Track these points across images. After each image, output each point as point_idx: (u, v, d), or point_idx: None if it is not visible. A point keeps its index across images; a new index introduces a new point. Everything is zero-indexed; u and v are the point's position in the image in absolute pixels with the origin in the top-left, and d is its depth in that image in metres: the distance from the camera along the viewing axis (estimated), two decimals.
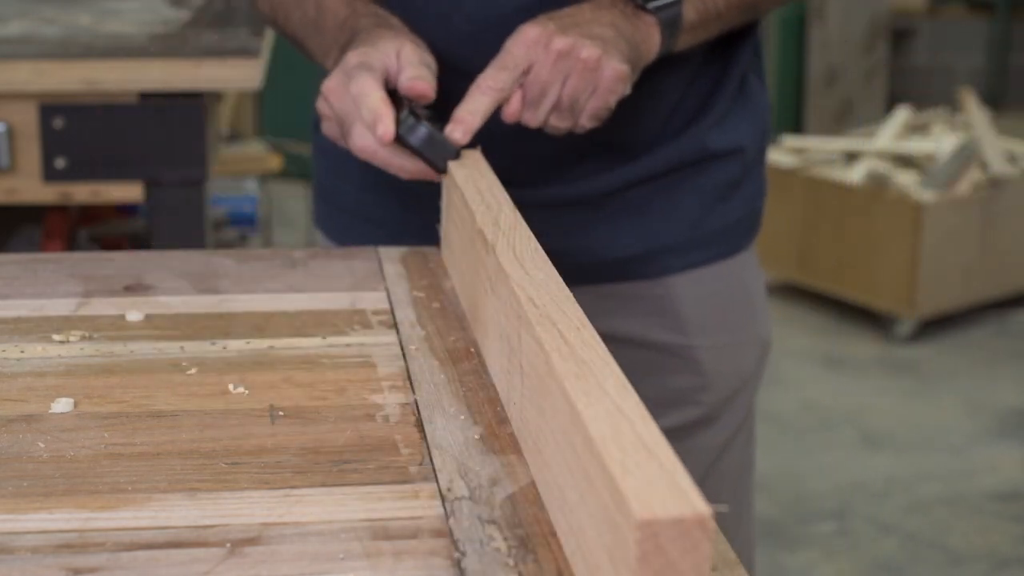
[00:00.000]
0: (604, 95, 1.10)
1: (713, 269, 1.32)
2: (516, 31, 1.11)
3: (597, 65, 1.09)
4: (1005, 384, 3.51)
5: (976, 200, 3.79)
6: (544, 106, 1.11)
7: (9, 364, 0.91)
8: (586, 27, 1.11)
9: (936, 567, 2.67)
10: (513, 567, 0.67)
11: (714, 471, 1.34)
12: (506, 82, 1.10)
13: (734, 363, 1.34)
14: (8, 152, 1.77)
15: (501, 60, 1.10)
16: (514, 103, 1.11)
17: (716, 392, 1.32)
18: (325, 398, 0.87)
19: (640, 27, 1.14)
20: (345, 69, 1.11)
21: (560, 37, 1.09)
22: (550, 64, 1.09)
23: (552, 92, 1.10)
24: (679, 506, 0.58)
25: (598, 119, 1.12)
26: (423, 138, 1.07)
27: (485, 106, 1.09)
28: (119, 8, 2.08)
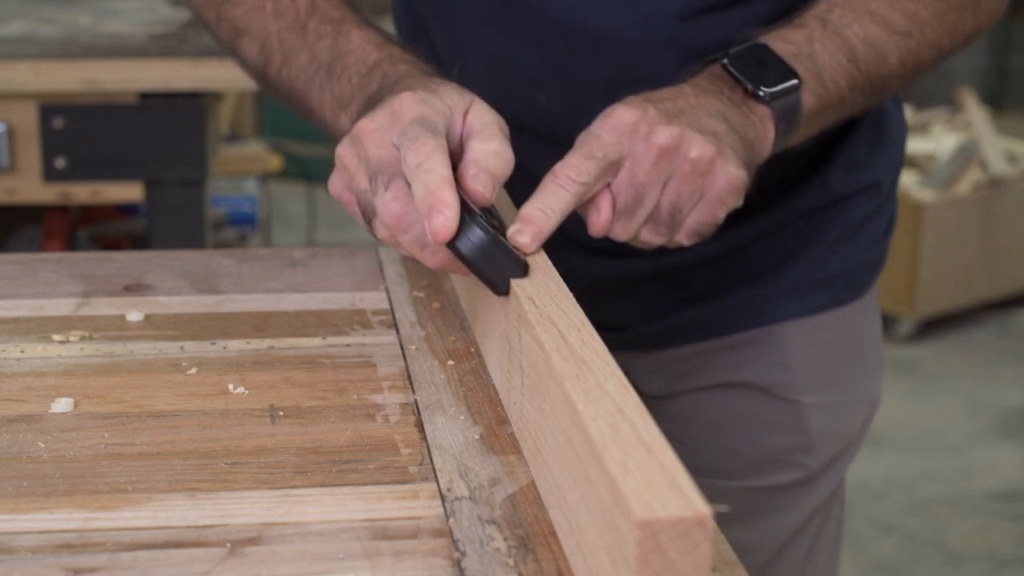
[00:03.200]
0: (713, 207, 0.89)
1: (829, 316, 1.16)
2: (606, 113, 0.89)
3: (709, 168, 0.87)
4: (1005, 384, 3.51)
5: (976, 200, 3.80)
6: (639, 216, 0.88)
7: (9, 364, 0.91)
8: (693, 116, 0.89)
9: (936, 567, 2.67)
10: (513, 567, 0.67)
11: (801, 536, 1.21)
12: (592, 175, 0.86)
13: (840, 424, 1.19)
14: (8, 152, 1.77)
15: (587, 146, 0.87)
16: (604, 210, 0.87)
17: (818, 456, 1.18)
18: (325, 398, 0.87)
19: (752, 120, 0.92)
20: (394, 114, 0.85)
21: (664, 127, 0.87)
22: (650, 162, 0.86)
23: (650, 198, 0.88)
24: (679, 506, 0.58)
25: (699, 235, 0.90)
26: (479, 246, 0.81)
27: (563, 203, 0.85)
28: (119, 8, 2.08)
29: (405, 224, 0.84)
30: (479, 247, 0.81)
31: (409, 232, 0.84)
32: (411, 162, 0.81)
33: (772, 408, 1.16)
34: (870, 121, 1.15)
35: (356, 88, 0.96)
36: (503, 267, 0.82)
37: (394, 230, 0.84)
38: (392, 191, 0.83)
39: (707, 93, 0.91)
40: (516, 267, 0.82)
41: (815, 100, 0.95)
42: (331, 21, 1.01)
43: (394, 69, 0.94)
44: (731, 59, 0.94)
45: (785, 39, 0.96)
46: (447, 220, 0.79)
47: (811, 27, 0.97)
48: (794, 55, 0.95)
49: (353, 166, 0.86)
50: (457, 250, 0.81)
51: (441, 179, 0.79)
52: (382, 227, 0.85)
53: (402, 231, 0.84)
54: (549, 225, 0.84)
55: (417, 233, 0.83)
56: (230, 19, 1.07)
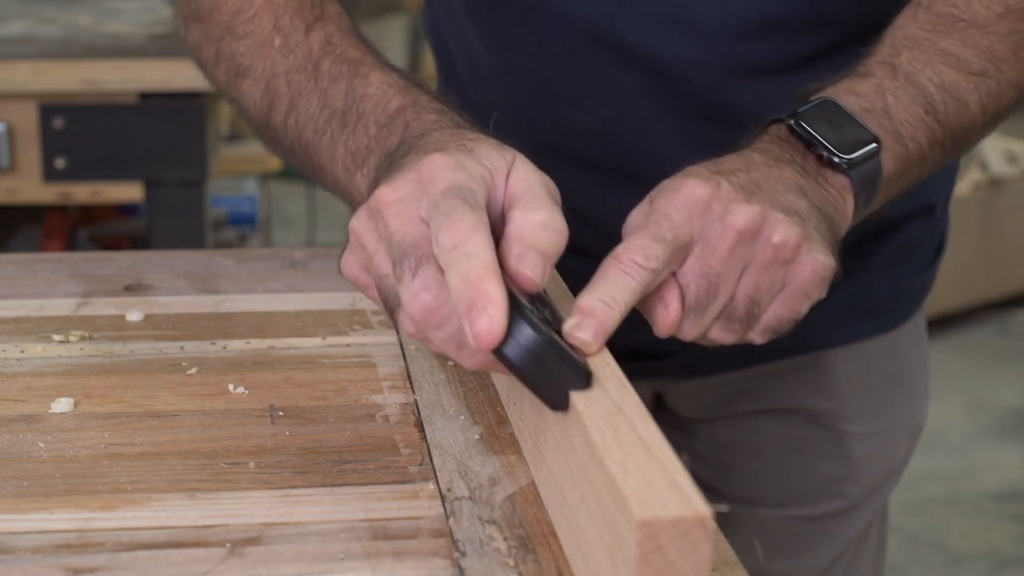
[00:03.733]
0: (796, 300, 0.77)
1: (876, 342, 1.11)
2: (673, 186, 0.76)
3: (793, 255, 0.75)
4: (1005, 384, 3.51)
5: (976, 200, 3.79)
6: (711, 311, 0.76)
7: (9, 364, 0.91)
8: (771, 192, 0.77)
9: (936, 567, 2.67)
10: (513, 567, 0.67)
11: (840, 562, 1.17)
12: (661, 259, 0.73)
13: (885, 453, 1.15)
14: (8, 152, 1.77)
15: (655, 225, 0.74)
16: (673, 305, 0.75)
17: (861, 485, 1.14)
18: (325, 398, 0.87)
19: (829, 193, 0.81)
20: (423, 181, 0.71)
21: (742, 206, 0.75)
22: (727, 247, 0.74)
23: (725, 290, 0.75)
24: (679, 506, 0.58)
25: (776, 333, 0.79)
26: (531, 350, 0.66)
27: (629, 293, 0.72)
28: (119, 8, 2.08)
29: (437, 319, 0.69)
30: (531, 351, 0.66)
31: (442, 328, 0.70)
32: (445, 243, 0.67)
33: (815, 436, 1.13)
34: None
35: (374, 141, 0.82)
36: (560, 376, 0.67)
37: (424, 326, 0.70)
38: (421, 279, 0.69)
39: (779, 162, 0.80)
40: (576, 375, 0.67)
41: (895, 163, 0.84)
42: (348, 61, 0.88)
43: (419, 119, 0.80)
44: (799, 119, 0.82)
45: (855, 92, 0.84)
46: (493, 321, 0.64)
47: (880, 76, 0.86)
48: (867, 111, 0.83)
49: (372, 244, 0.72)
50: (504, 356, 0.66)
51: (483, 266, 0.65)
52: (409, 321, 0.71)
53: (434, 327, 0.70)
54: (613, 319, 0.71)
55: (452, 330, 0.69)
56: (231, 55, 0.93)
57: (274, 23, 0.91)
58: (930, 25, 0.88)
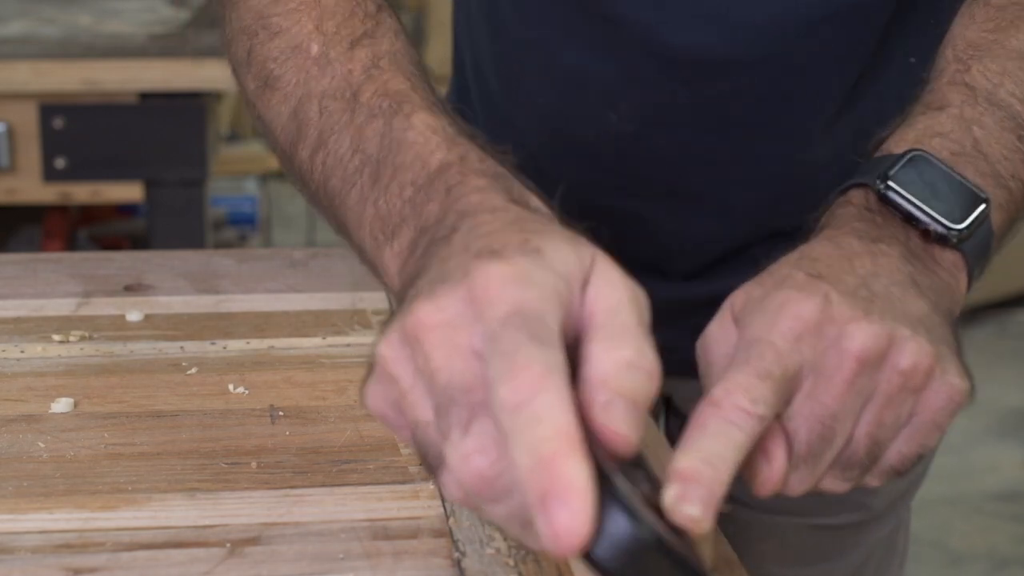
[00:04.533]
0: (925, 433, 0.62)
1: None
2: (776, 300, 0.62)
3: (925, 382, 0.61)
4: (1005, 384, 3.52)
5: None
6: (826, 458, 0.61)
7: (9, 364, 0.91)
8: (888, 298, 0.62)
9: (936, 567, 2.67)
10: (513, 567, 0.67)
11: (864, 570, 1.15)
12: (771, 402, 0.58)
13: None
14: (8, 152, 1.77)
15: (759, 359, 0.59)
16: (778, 461, 0.60)
17: (883, 496, 1.10)
18: (325, 398, 0.87)
19: (941, 278, 0.66)
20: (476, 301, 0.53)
21: (862, 326, 0.60)
22: (846, 380, 0.60)
23: (842, 432, 0.61)
24: None
25: (898, 474, 0.64)
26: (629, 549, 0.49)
27: (737, 449, 0.57)
28: (119, 8, 2.08)
29: (496, 492, 0.53)
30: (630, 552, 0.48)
31: (502, 503, 0.53)
32: (507, 400, 0.50)
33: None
34: None
35: (408, 206, 0.65)
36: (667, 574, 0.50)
37: (479, 498, 0.54)
38: (475, 437, 0.52)
39: (879, 246, 0.65)
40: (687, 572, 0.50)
41: (1002, 214, 0.69)
42: (391, 94, 0.71)
43: (465, 184, 0.62)
44: (888, 182, 0.67)
45: (939, 132, 0.69)
46: (575, 517, 0.48)
47: (959, 103, 0.71)
48: (958, 155, 0.68)
49: (407, 381, 0.56)
50: (594, 560, 0.49)
51: (560, 437, 0.49)
52: (457, 487, 0.55)
53: (491, 500, 0.54)
54: (721, 483, 0.55)
55: (515, 506, 0.53)
56: (262, 59, 0.80)
57: (317, 24, 0.77)
58: (992, 24, 0.74)
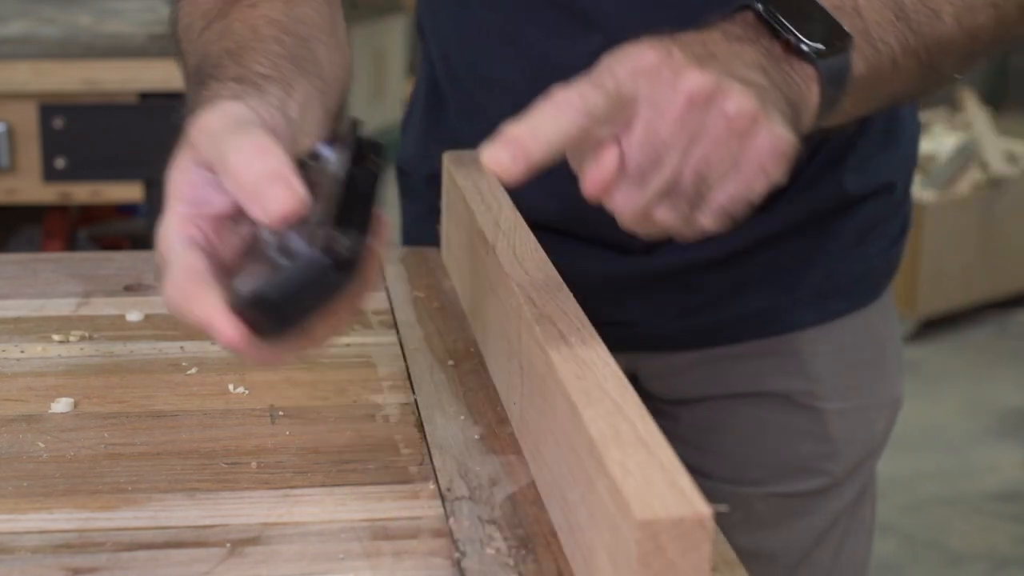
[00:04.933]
0: (751, 177, 0.71)
1: (846, 321, 1.13)
2: (622, 50, 0.71)
3: (750, 127, 0.70)
4: (1005, 384, 3.51)
5: (976, 200, 3.79)
6: (654, 184, 0.70)
7: (9, 364, 0.91)
8: (728, 63, 0.72)
9: (936, 567, 2.67)
10: (513, 567, 0.67)
11: (825, 539, 1.19)
12: (599, 107, 0.68)
13: (864, 429, 1.17)
14: (8, 152, 1.77)
15: (596, 76, 0.70)
16: (606, 163, 0.69)
17: (842, 462, 1.16)
18: (325, 398, 0.87)
19: (794, 80, 0.75)
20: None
21: (695, 72, 0.70)
22: (676, 114, 0.69)
23: (670, 162, 0.69)
24: (679, 506, 0.58)
25: (728, 217, 0.72)
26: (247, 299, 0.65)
27: (557, 131, 0.67)
28: (119, 8, 2.08)
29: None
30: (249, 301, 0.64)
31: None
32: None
33: (794, 417, 1.14)
34: (882, 119, 1.10)
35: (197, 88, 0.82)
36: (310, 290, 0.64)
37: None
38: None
39: (741, 41, 0.74)
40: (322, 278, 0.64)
41: (865, 64, 0.78)
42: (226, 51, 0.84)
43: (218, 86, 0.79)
44: (768, 5, 0.76)
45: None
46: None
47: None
48: (838, 8, 0.78)
49: None
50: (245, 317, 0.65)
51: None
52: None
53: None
54: (539, 150, 0.66)
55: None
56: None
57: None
58: None
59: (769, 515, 1.16)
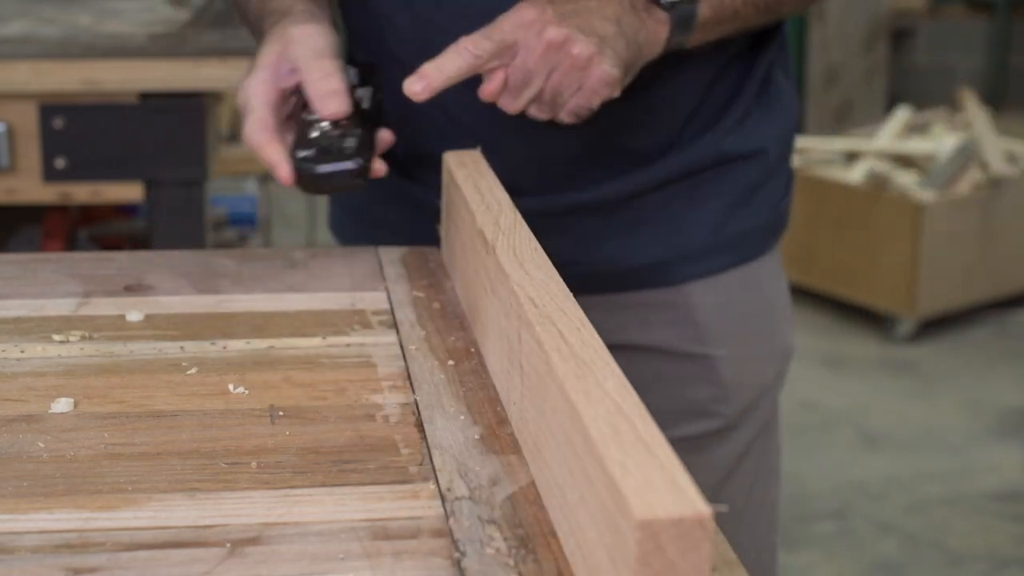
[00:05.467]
0: (588, 96, 1.04)
1: (733, 275, 1.25)
2: (513, 8, 1.04)
3: (587, 65, 1.02)
4: (1005, 384, 3.51)
5: (976, 200, 3.79)
6: (525, 95, 1.05)
7: (9, 364, 0.91)
8: (586, 19, 1.03)
9: (936, 567, 2.67)
10: (513, 567, 0.67)
11: (730, 481, 1.29)
12: (486, 51, 1.03)
13: (754, 374, 1.28)
14: (8, 152, 1.77)
15: (488, 30, 1.04)
16: (495, 81, 1.04)
17: (735, 403, 1.27)
18: (325, 398, 0.87)
19: (647, 24, 1.07)
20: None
21: (555, 27, 1.02)
22: (538, 53, 1.02)
23: (535, 83, 1.04)
24: (679, 506, 0.58)
25: (578, 117, 1.06)
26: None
27: (456, 67, 1.03)
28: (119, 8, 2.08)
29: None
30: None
31: None
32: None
33: (684, 365, 1.24)
34: (755, 89, 1.24)
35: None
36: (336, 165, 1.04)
37: None
38: None
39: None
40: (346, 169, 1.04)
41: (710, 10, 1.10)
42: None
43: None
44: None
45: None
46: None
47: None
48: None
49: None
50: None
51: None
52: None
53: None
54: (439, 81, 1.03)
55: None
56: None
57: None
58: None
59: None
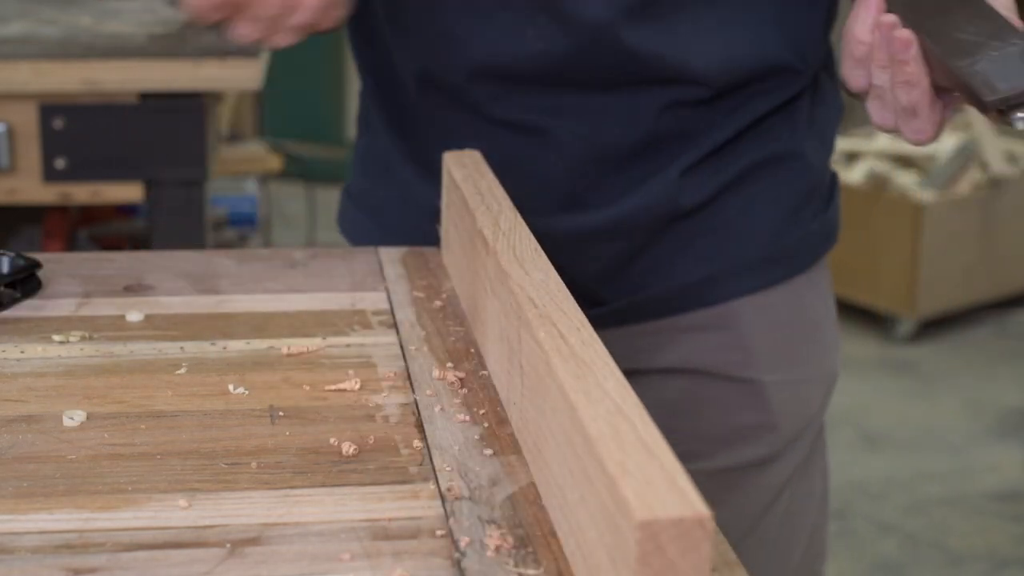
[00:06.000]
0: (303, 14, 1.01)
1: (784, 290, 1.18)
2: None
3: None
4: (1005, 384, 3.52)
5: (976, 200, 3.80)
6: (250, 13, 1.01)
7: (9, 364, 0.91)
8: None
9: (936, 567, 2.67)
10: (513, 567, 0.67)
11: (771, 512, 1.22)
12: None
13: (802, 401, 1.21)
14: (8, 152, 1.77)
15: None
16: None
17: (782, 432, 1.20)
18: (325, 398, 0.87)
19: None
20: None
21: None
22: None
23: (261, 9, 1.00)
24: (679, 506, 0.58)
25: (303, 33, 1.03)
26: None
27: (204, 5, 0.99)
28: (119, 8, 2.08)
29: None
30: None
31: None
32: None
33: (732, 390, 1.18)
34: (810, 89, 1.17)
35: None
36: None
37: None
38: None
39: None
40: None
41: None
42: None
43: None
44: None
45: None
46: None
47: None
48: None
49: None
50: None
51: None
52: None
53: None
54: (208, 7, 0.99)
55: None
56: None
57: None
58: None
59: (714, 489, 1.17)
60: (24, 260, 1.03)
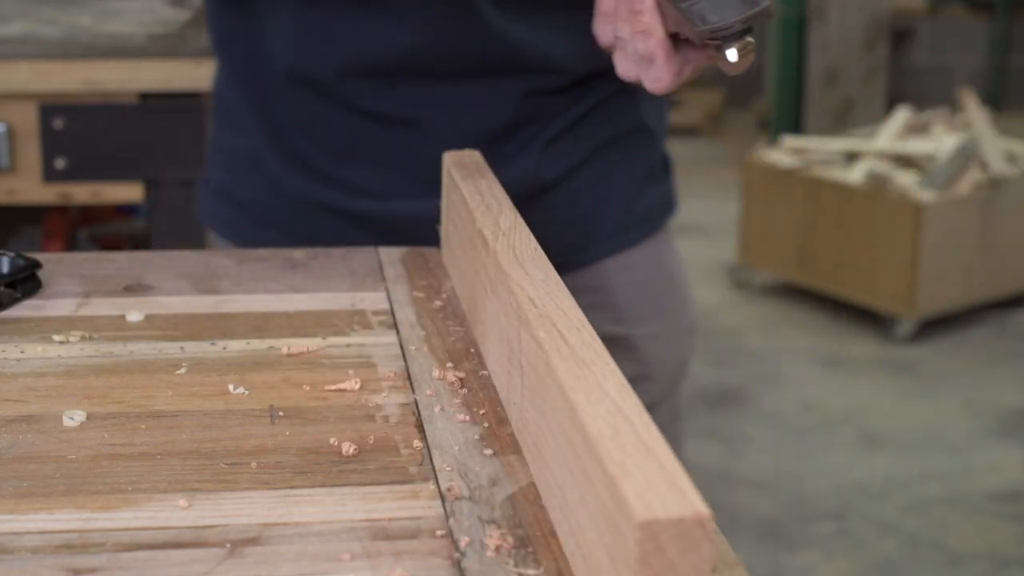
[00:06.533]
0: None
1: (643, 250, 1.29)
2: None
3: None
4: (1005, 384, 3.52)
5: (976, 200, 3.80)
6: None
7: (9, 364, 0.91)
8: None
9: (936, 567, 2.67)
10: (513, 567, 0.67)
11: None
12: None
13: (673, 351, 1.33)
14: (8, 152, 1.77)
15: None
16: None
17: (659, 382, 1.31)
18: (325, 398, 0.87)
19: None
20: None
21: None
22: None
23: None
24: (679, 506, 0.58)
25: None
26: None
27: None
28: (119, 8, 2.08)
29: None
30: None
31: None
32: None
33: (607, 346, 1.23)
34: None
35: None
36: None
37: None
38: None
39: None
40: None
41: None
42: None
43: None
44: None
45: None
46: None
47: None
48: None
49: None
50: None
51: None
52: None
53: None
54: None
55: None
56: None
57: None
58: None
59: None
60: (24, 260, 1.03)
